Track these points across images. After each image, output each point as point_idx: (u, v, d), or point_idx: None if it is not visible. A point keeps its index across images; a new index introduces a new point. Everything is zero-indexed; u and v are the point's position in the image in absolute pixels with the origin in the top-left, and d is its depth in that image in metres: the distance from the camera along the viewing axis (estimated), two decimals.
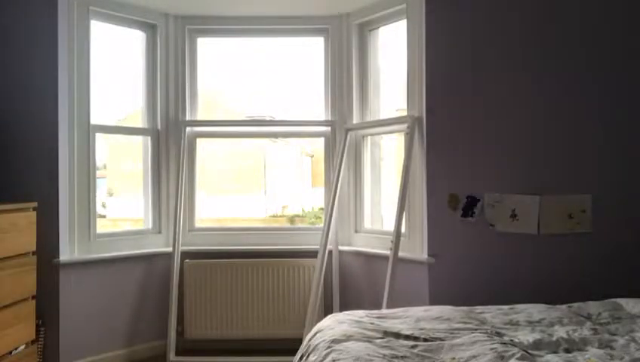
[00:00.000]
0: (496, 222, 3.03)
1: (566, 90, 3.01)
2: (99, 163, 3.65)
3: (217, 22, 3.82)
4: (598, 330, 2.12)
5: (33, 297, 2.96)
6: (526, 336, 2.04)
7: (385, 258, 3.26)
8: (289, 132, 4.32)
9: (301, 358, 2.20)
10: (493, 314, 2.35)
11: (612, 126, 3.00)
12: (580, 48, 3.01)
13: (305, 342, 2.27)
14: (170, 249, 3.64)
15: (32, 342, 2.99)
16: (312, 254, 3.60)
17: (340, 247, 3.64)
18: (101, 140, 3.58)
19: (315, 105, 3.89)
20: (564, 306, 2.47)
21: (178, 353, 3.51)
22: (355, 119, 3.70)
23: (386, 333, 2.05)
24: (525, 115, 3.03)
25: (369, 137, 3.71)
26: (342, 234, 3.69)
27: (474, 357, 1.76)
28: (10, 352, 2.78)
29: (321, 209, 3.97)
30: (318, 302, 3.49)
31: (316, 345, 2.07)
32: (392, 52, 3.66)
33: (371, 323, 2.17)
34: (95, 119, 3.43)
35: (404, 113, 3.32)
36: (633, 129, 3.00)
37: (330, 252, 3.59)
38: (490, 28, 3.06)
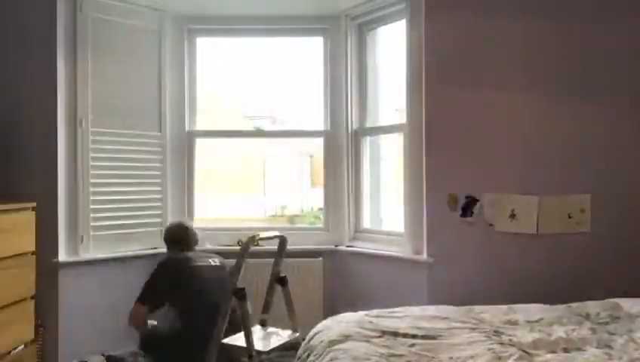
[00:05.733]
0: (496, 222, 3.03)
1: (565, 90, 3.01)
2: None
3: (217, 22, 3.81)
4: (596, 330, 2.12)
5: (32, 297, 2.96)
6: (525, 336, 2.04)
7: (385, 258, 3.27)
8: (288, 132, 4.33)
9: (300, 359, 2.20)
10: (492, 313, 2.35)
11: (612, 126, 3.00)
12: (579, 48, 3.01)
13: (304, 344, 2.27)
14: None
15: (32, 341, 2.98)
16: (312, 254, 3.60)
17: (340, 247, 3.64)
18: None
19: (314, 105, 3.89)
20: (562, 306, 2.47)
21: None
22: (354, 119, 3.70)
23: (385, 332, 2.05)
24: (525, 115, 3.02)
25: (368, 137, 3.71)
26: (342, 234, 3.69)
27: (472, 357, 1.76)
28: (9, 352, 2.78)
29: (320, 209, 3.96)
30: (318, 302, 3.49)
31: (315, 346, 2.08)
32: (392, 52, 3.66)
33: (370, 323, 2.17)
34: None
35: (403, 113, 3.32)
36: (633, 129, 3.00)
37: (331, 252, 3.60)
38: (490, 28, 3.05)
